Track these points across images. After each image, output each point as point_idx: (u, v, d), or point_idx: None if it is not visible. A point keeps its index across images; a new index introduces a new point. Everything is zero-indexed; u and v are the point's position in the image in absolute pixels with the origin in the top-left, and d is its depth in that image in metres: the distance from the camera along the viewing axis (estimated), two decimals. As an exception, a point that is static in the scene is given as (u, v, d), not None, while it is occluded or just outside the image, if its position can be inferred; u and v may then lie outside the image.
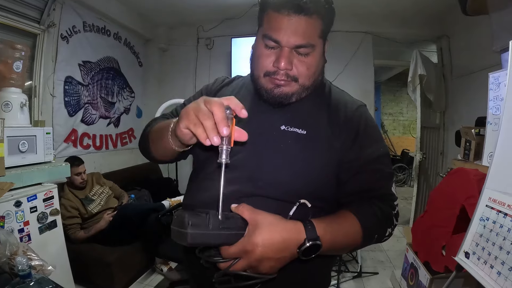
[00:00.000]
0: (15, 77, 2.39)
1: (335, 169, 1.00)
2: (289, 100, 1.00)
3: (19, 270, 1.13)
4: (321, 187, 1.00)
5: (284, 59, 0.93)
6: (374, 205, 0.97)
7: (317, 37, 0.96)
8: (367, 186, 1.01)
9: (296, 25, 0.91)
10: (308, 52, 0.95)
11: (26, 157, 2.33)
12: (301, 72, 0.96)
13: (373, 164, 1.01)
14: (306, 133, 0.99)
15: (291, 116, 1.02)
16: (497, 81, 2.06)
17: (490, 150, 2.06)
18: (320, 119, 1.03)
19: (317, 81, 1.05)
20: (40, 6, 3.24)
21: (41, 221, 2.30)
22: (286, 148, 0.98)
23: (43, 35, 3.34)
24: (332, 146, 0.99)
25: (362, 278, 3.40)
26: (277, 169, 0.97)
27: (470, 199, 1.98)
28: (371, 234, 0.95)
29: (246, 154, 0.99)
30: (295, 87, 0.98)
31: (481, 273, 1.55)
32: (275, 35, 0.93)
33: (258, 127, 1.00)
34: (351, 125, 1.02)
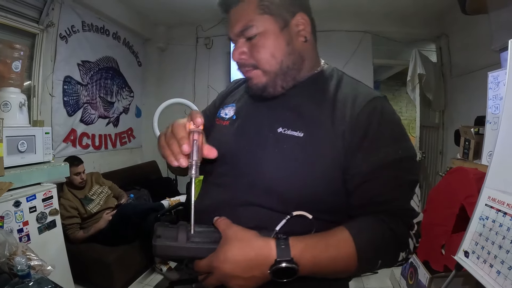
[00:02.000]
0: (14, 77, 2.39)
1: (342, 175, 0.85)
2: (268, 92, 0.93)
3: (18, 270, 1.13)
4: (325, 197, 0.85)
5: (236, 50, 0.92)
6: (382, 221, 0.79)
7: (256, 14, 0.88)
8: (377, 197, 0.83)
9: (233, 16, 0.91)
10: (253, 34, 0.89)
11: (25, 157, 2.33)
12: (255, 57, 0.90)
13: (386, 170, 0.82)
14: (303, 135, 0.87)
15: (289, 116, 0.92)
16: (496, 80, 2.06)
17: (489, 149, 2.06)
18: (323, 118, 0.88)
19: (291, 64, 0.92)
20: (39, 6, 3.23)
21: (41, 221, 2.30)
22: (282, 153, 0.87)
23: (42, 35, 3.34)
24: (336, 148, 0.84)
25: (361, 277, 3.40)
26: (272, 176, 0.86)
27: (469, 198, 1.98)
28: (371, 259, 0.79)
29: (242, 159, 0.93)
30: (260, 75, 0.92)
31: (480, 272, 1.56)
32: (228, 33, 0.95)
33: (255, 130, 0.95)
34: (359, 122, 0.84)
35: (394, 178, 0.83)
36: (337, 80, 0.97)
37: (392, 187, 0.82)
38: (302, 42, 0.94)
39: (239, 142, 0.95)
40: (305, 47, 0.95)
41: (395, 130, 0.88)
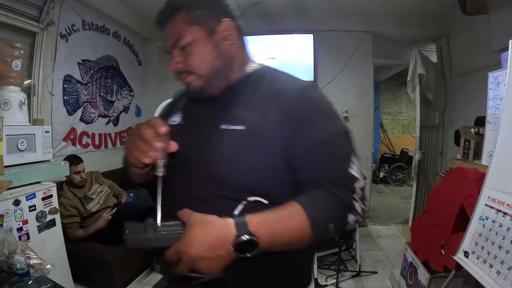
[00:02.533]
0: (14, 75, 2.39)
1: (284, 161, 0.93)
2: (205, 94, 1.04)
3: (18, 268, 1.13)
4: (274, 183, 0.94)
5: (171, 60, 1.03)
6: (326, 190, 0.87)
7: (186, 27, 1.00)
8: (318, 173, 0.91)
9: (168, 32, 1.04)
10: (185, 44, 1.00)
11: (25, 155, 2.33)
12: (188, 64, 1.01)
13: (322, 147, 0.92)
14: (245, 128, 0.94)
15: (228, 112, 1.01)
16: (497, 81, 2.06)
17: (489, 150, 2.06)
18: (261, 110, 0.96)
19: (221, 66, 1.03)
20: (39, 4, 3.23)
21: (40, 220, 2.30)
22: (228, 147, 0.95)
23: (42, 34, 3.33)
24: (276, 136, 0.93)
25: (361, 277, 3.40)
26: (222, 169, 0.94)
27: (469, 198, 1.98)
28: (322, 223, 0.85)
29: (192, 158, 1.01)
30: (195, 80, 1.03)
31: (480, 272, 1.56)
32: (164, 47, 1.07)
33: (201, 130, 1.04)
34: (294, 108, 0.94)
35: (331, 153, 0.92)
36: (270, 77, 1.06)
37: (330, 161, 0.91)
38: (229, 46, 1.04)
39: (188, 143, 1.02)
40: (233, 50, 1.06)
41: (324, 111, 1.00)
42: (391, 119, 10.32)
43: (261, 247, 0.79)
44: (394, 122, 10.33)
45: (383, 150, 9.83)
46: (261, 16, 4.71)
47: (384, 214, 5.79)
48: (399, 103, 10.25)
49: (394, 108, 10.31)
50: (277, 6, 4.47)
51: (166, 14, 1.04)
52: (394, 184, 8.51)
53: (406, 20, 4.69)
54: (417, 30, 4.84)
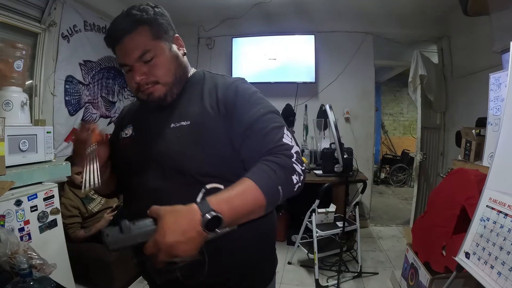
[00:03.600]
0: (15, 76, 2.39)
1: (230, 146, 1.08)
2: (166, 100, 1.13)
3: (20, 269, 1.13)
4: (225, 165, 1.09)
5: (136, 73, 1.09)
6: (264, 160, 0.98)
7: (150, 41, 1.09)
8: (255, 148, 1.03)
9: (128, 45, 1.08)
10: (151, 57, 1.08)
11: (27, 156, 2.33)
12: (155, 74, 1.10)
13: (254, 126, 1.05)
14: (190, 122, 1.09)
15: (176, 113, 1.14)
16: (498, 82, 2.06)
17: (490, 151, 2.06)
18: (200, 105, 1.12)
19: (181, 74, 1.17)
20: (41, 5, 3.23)
21: (42, 220, 2.31)
22: (178, 140, 1.08)
23: (44, 34, 3.34)
24: (216, 124, 1.08)
25: (362, 278, 3.40)
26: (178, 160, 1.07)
27: (470, 200, 1.98)
28: (271, 187, 0.93)
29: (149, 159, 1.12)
30: (160, 88, 1.11)
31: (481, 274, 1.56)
32: (121, 60, 1.11)
33: (153, 133, 1.14)
34: (227, 98, 1.10)
35: (261, 129, 1.04)
36: (207, 78, 1.22)
37: (263, 136, 1.04)
38: (183, 56, 1.21)
39: (143, 148, 1.15)
40: (185, 59, 1.22)
41: (253, 97, 1.13)
42: (392, 120, 10.31)
43: (226, 221, 0.85)
44: (395, 123, 10.32)
45: (384, 151, 9.83)
46: (262, 17, 4.72)
47: (385, 215, 5.79)
48: (400, 104, 10.25)
49: (395, 109, 10.31)
50: (278, 7, 4.47)
51: (126, 28, 1.08)
52: (395, 185, 8.51)
53: (407, 21, 4.70)
54: (418, 31, 4.84)
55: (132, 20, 1.09)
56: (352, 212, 3.70)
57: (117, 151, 1.24)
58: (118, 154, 1.24)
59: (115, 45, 1.11)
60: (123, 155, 1.23)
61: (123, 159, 1.23)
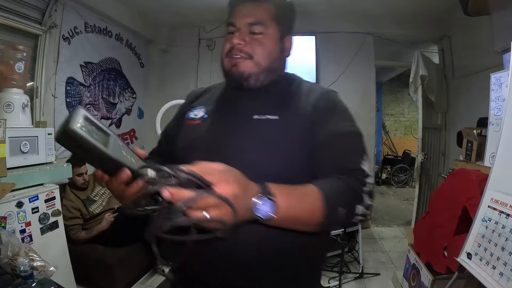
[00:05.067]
0: (16, 78, 2.39)
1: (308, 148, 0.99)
2: (248, 81, 1.07)
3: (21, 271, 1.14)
4: (301, 170, 0.98)
5: (237, 35, 1.06)
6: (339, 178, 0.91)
7: (269, 18, 1.07)
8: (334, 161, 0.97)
9: (248, 9, 1.07)
10: (261, 31, 1.06)
11: (28, 157, 2.33)
12: (254, 49, 1.05)
13: (341, 139, 1.00)
14: (279, 118, 1.03)
15: (261, 105, 1.07)
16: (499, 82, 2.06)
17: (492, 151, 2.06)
18: (292, 104, 1.07)
19: (275, 67, 1.11)
20: (41, 7, 3.24)
21: (43, 222, 2.31)
22: (261, 135, 1.01)
23: (45, 36, 3.34)
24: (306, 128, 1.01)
25: (363, 279, 3.40)
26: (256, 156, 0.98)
27: (471, 200, 1.98)
28: (334, 205, 0.85)
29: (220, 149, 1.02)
30: (250, 65, 1.06)
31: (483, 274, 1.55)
32: (232, 20, 1.08)
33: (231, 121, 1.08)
34: (321, 105, 1.05)
35: (346, 147, 1.00)
36: (298, 81, 1.18)
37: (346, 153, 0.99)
38: (286, 57, 1.16)
39: (215, 134, 1.07)
40: (285, 61, 1.17)
41: (347, 113, 1.09)
42: (393, 120, 10.30)
43: (277, 213, 0.75)
44: (396, 124, 10.31)
45: (386, 152, 9.81)
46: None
47: (386, 216, 5.78)
48: (401, 104, 10.24)
49: (396, 109, 10.30)
50: (279, 8, 4.46)
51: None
52: (397, 186, 8.49)
53: (407, 22, 4.69)
54: (419, 31, 4.84)
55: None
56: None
57: (176, 135, 1.16)
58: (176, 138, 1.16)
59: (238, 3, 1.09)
60: (183, 139, 1.14)
61: (183, 143, 1.12)
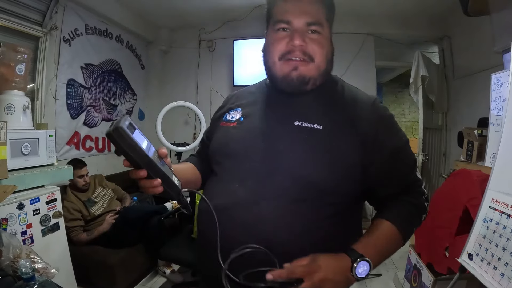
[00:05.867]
0: (17, 80, 2.40)
1: (356, 164, 0.98)
2: (306, 85, 1.01)
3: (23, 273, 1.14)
4: (342, 182, 0.97)
5: (298, 35, 0.97)
6: (405, 202, 1.03)
7: (324, 18, 1.01)
8: (398, 181, 1.04)
9: (304, 6, 0.99)
10: (319, 31, 1.00)
11: (29, 159, 2.34)
12: (315, 50, 0.99)
13: (400, 153, 1.04)
14: (322, 128, 0.98)
15: (303, 111, 1.02)
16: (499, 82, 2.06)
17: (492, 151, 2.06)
18: (336, 115, 1.02)
19: (328, 69, 1.06)
20: (42, 9, 3.25)
21: (44, 223, 2.31)
22: (303, 143, 0.98)
23: (46, 38, 3.35)
24: (352, 141, 0.98)
25: (365, 280, 3.37)
26: (296, 163, 0.96)
27: (473, 200, 1.98)
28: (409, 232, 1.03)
29: (257, 154, 1.00)
30: (312, 68, 1.00)
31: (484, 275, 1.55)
32: (286, 17, 0.99)
33: (269, 125, 1.04)
34: (369, 121, 1.00)
35: (404, 160, 1.05)
36: (341, 84, 1.12)
37: (406, 170, 1.05)
38: (332, 55, 1.07)
39: (251, 138, 1.03)
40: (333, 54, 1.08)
41: (395, 123, 1.07)
42: (394, 120, 10.29)
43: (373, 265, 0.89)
44: (397, 124, 10.30)
45: (386, 152, 9.79)
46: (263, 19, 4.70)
47: (387, 216, 5.76)
48: (402, 104, 10.23)
49: (396, 109, 10.29)
50: (279, 9, 4.46)
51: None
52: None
53: (408, 22, 4.69)
54: (419, 31, 4.83)
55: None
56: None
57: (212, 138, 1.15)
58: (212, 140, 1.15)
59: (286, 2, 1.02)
60: (217, 140, 1.13)
61: (216, 145, 1.12)
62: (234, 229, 0.93)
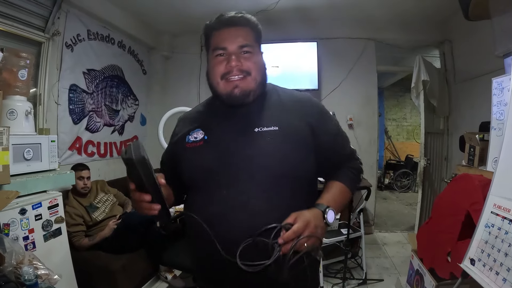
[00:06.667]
0: (20, 85, 2.41)
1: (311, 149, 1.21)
2: (248, 97, 1.19)
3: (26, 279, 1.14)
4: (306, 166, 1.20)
5: (233, 57, 1.16)
6: (348, 167, 1.33)
7: (253, 40, 1.22)
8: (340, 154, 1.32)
9: (235, 33, 1.19)
10: (250, 51, 1.19)
11: (31, 164, 2.34)
12: (250, 66, 1.17)
13: (337, 137, 1.32)
14: (278, 128, 1.17)
15: (257, 118, 1.20)
16: (501, 86, 2.06)
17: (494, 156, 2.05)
18: (284, 114, 1.21)
19: (264, 80, 1.25)
20: (44, 14, 3.26)
21: (46, 228, 2.31)
22: (267, 144, 1.15)
23: (48, 43, 3.37)
24: (303, 132, 1.19)
25: (367, 285, 3.38)
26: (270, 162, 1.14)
27: (475, 205, 1.98)
28: (355, 188, 1.35)
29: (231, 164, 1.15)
30: (250, 81, 1.18)
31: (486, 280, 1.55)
32: (222, 44, 1.18)
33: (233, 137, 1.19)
34: (311, 113, 1.25)
35: (343, 138, 1.36)
36: (278, 90, 1.33)
37: (344, 144, 1.36)
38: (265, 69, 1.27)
39: (222, 151, 1.18)
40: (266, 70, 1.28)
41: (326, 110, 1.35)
42: (396, 125, 10.30)
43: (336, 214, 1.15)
44: (398, 128, 10.31)
45: (388, 157, 9.79)
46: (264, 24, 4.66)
47: (389, 221, 5.76)
48: (403, 109, 10.24)
49: (398, 114, 10.30)
50: (281, 14, 4.47)
51: (238, 20, 1.21)
52: (400, 191, 8.48)
53: (409, 27, 4.71)
54: (420, 36, 4.85)
55: (245, 18, 1.23)
56: (357, 219, 3.69)
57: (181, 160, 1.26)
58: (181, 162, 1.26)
59: (221, 28, 1.20)
60: (191, 161, 1.24)
61: (192, 165, 1.23)
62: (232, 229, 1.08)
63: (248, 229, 1.05)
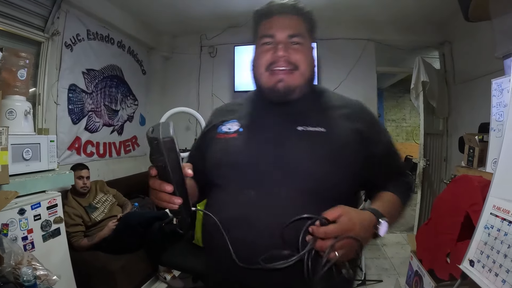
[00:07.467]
0: (19, 85, 2.40)
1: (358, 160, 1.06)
2: (293, 94, 1.09)
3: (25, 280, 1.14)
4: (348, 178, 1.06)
5: (281, 46, 1.07)
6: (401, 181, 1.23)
7: (305, 31, 1.12)
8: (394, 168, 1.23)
9: (285, 21, 1.09)
10: (301, 42, 1.09)
11: (30, 164, 2.34)
12: (299, 58, 1.07)
13: (391, 149, 1.21)
14: (325, 130, 1.06)
15: (302, 117, 1.09)
16: (500, 87, 2.06)
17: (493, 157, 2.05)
18: (332, 117, 1.11)
19: (312, 78, 1.16)
20: (44, 14, 3.26)
21: (45, 229, 2.31)
22: (311, 145, 1.04)
23: (47, 43, 3.37)
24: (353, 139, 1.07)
25: (366, 286, 3.38)
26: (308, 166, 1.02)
27: (474, 206, 1.97)
28: (408, 201, 1.23)
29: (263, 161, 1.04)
30: (297, 76, 1.08)
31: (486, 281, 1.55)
32: (269, 32, 1.09)
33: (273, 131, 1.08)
34: (362, 120, 1.13)
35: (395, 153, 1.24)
36: (329, 93, 1.23)
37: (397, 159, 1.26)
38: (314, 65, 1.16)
39: (257, 146, 1.08)
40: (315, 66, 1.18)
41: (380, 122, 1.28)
42: (395, 126, 10.29)
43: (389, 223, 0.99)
44: (397, 129, 10.30)
45: (387, 157, 9.77)
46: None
47: (389, 222, 5.75)
48: (403, 110, 10.23)
49: (397, 115, 10.30)
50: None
51: (291, 8, 1.11)
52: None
53: (409, 28, 4.71)
54: (420, 37, 4.85)
55: (299, 7, 1.12)
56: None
57: (207, 151, 1.16)
58: (208, 154, 1.16)
59: (271, 15, 1.11)
60: (218, 151, 1.13)
61: (217, 157, 1.12)
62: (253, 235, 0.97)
63: (269, 237, 0.94)
